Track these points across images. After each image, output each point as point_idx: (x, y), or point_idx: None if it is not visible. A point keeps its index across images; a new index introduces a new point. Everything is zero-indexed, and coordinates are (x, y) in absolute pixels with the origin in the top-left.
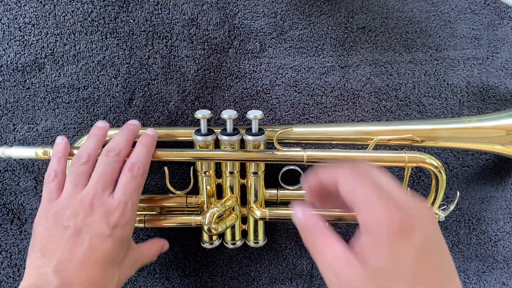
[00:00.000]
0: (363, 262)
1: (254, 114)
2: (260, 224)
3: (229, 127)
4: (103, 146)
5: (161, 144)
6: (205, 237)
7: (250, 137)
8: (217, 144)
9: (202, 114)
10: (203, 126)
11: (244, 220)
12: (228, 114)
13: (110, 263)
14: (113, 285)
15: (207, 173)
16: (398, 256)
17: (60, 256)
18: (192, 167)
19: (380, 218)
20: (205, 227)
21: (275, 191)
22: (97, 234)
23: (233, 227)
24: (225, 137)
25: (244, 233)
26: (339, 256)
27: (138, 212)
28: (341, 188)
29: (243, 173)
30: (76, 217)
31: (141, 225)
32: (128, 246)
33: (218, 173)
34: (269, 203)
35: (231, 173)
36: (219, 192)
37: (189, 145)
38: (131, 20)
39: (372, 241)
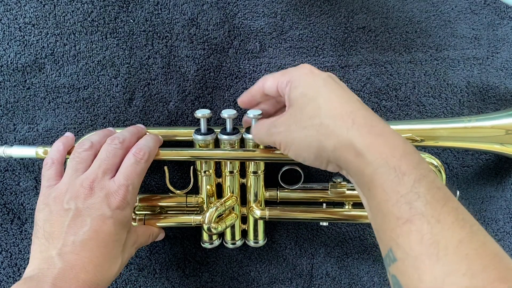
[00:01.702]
0: (290, 107)
1: (229, 114)
2: (260, 224)
3: (229, 126)
4: None
5: (161, 144)
6: (205, 237)
7: (225, 137)
8: (217, 144)
9: (202, 113)
10: (203, 126)
11: (244, 219)
12: (228, 114)
13: (112, 244)
14: (116, 265)
15: (207, 172)
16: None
17: (64, 239)
18: (192, 167)
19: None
20: (205, 227)
21: (275, 191)
22: (98, 215)
23: (233, 227)
24: (225, 137)
25: (244, 233)
26: (268, 121)
27: (138, 212)
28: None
29: (242, 173)
30: (76, 199)
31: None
32: (129, 227)
33: (218, 173)
34: (269, 203)
35: (230, 172)
36: (219, 192)
37: (189, 144)
38: (131, 20)
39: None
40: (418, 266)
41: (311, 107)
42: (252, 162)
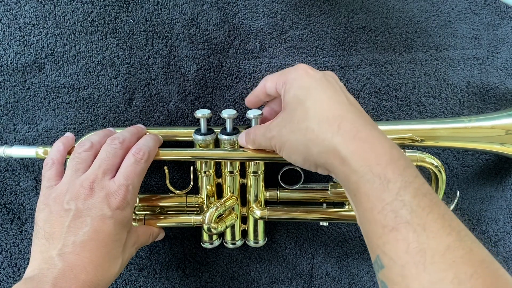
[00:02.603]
0: (283, 110)
1: (229, 114)
2: (260, 224)
3: (229, 126)
4: None
5: (161, 143)
6: (205, 237)
7: (225, 137)
8: (217, 144)
9: (202, 113)
10: (203, 126)
11: (244, 220)
12: (228, 114)
13: (112, 244)
14: (117, 266)
15: (207, 172)
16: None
17: (64, 239)
18: (192, 167)
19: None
20: (205, 227)
21: (275, 191)
22: (98, 215)
23: (233, 227)
24: (225, 137)
25: (244, 233)
26: (265, 125)
27: (138, 212)
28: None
29: (243, 173)
30: (76, 200)
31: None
32: (129, 228)
33: (218, 173)
34: (269, 203)
35: (231, 172)
36: (219, 192)
37: (189, 144)
38: (131, 20)
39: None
40: (405, 274)
41: (300, 110)
42: (252, 162)
